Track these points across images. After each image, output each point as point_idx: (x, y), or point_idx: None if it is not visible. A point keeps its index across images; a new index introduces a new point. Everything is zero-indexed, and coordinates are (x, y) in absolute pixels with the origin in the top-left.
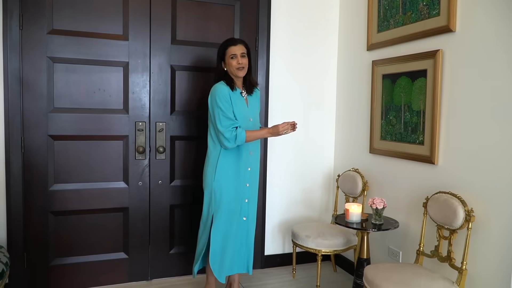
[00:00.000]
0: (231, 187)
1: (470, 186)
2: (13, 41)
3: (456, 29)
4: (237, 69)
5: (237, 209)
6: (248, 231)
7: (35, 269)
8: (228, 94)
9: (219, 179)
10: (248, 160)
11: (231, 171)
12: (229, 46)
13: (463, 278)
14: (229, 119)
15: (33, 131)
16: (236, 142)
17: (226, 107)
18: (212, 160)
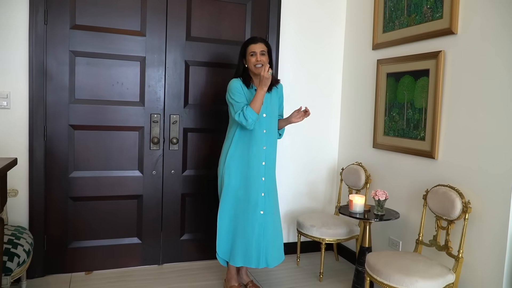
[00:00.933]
0: (239, 176)
1: (468, 180)
2: (38, 35)
3: (458, 31)
4: (255, 66)
5: (251, 201)
6: (266, 225)
7: (54, 251)
8: (240, 87)
9: (228, 166)
10: (262, 155)
11: (240, 161)
12: (250, 44)
13: (459, 266)
14: (238, 104)
15: (55, 120)
16: (248, 117)
17: (235, 98)
18: (225, 148)
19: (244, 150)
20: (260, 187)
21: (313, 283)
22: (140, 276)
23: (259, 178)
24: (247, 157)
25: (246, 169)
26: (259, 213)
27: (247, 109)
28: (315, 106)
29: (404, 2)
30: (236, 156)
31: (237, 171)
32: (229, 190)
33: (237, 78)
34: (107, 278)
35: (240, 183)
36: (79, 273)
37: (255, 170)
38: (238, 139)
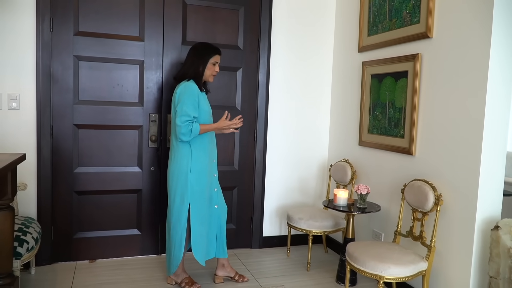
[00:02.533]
0: (205, 178)
1: (441, 174)
2: (45, 41)
3: (433, 35)
4: (213, 75)
5: (207, 199)
6: (220, 218)
7: (60, 241)
8: (197, 94)
9: (195, 170)
10: (213, 153)
11: (204, 163)
12: (216, 54)
13: (431, 254)
14: (188, 115)
15: (61, 120)
16: (192, 135)
17: (191, 106)
18: (185, 153)
19: (205, 151)
20: (213, 183)
21: (301, 272)
22: (139, 265)
23: (212, 175)
24: (206, 158)
25: (207, 169)
26: (214, 207)
27: (196, 125)
28: (306, 106)
29: (386, 7)
30: (200, 160)
31: (203, 175)
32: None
33: (193, 82)
34: (109, 266)
35: (206, 184)
36: (83, 261)
37: (210, 168)
38: (198, 143)
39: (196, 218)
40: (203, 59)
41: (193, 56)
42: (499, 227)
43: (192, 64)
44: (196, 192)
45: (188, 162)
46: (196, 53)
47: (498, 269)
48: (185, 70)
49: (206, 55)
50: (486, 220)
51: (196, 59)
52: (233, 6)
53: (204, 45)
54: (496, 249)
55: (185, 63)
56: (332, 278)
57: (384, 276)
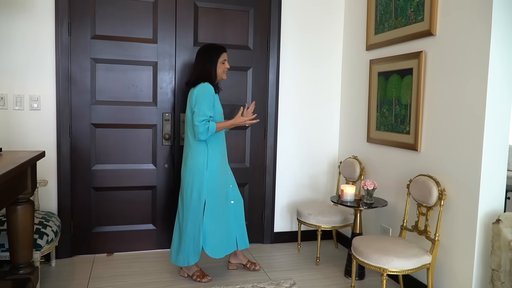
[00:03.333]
0: (219, 175)
1: (445, 170)
2: (64, 45)
3: (436, 33)
4: (225, 72)
5: (223, 195)
6: (238, 212)
7: (79, 235)
8: (213, 95)
9: (211, 168)
10: (225, 151)
11: (218, 161)
12: (223, 52)
13: (435, 248)
14: (205, 115)
15: (79, 120)
16: (209, 133)
17: (208, 106)
18: (201, 151)
19: (219, 150)
20: (228, 180)
21: (310, 266)
22: (154, 258)
23: (226, 172)
24: (221, 156)
25: (222, 167)
26: (230, 203)
27: (212, 124)
28: (317, 103)
29: (392, 6)
30: (215, 158)
31: (218, 172)
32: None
33: (209, 83)
34: (126, 260)
35: (221, 181)
36: (101, 255)
37: (224, 166)
38: (214, 142)
39: (209, 214)
40: (212, 60)
41: (202, 59)
42: (500, 221)
43: (204, 68)
44: (212, 189)
45: (205, 160)
46: (204, 56)
47: (500, 262)
48: (197, 74)
49: (214, 56)
50: (489, 214)
51: (206, 62)
52: (242, 7)
53: (210, 47)
54: (498, 242)
55: (195, 68)
56: (341, 272)
57: (387, 268)
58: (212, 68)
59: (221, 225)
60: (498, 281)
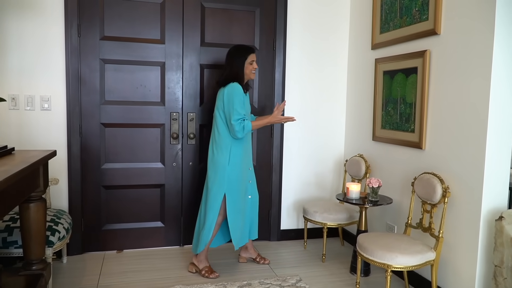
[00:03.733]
0: (241, 171)
1: (449, 168)
2: (73, 46)
3: (440, 32)
4: (252, 72)
5: (242, 190)
6: (253, 206)
7: (90, 232)
8: (242, 94)
9: (233, 163)
10: (250, 148)
11: (240, 157)
12: (251, 53)
13: (439, 245)
14: (239, 114)
15: (89, 119)
16: (245, 131)
17: (240, 105)
18: (225, 147)
19: (242, 147)
20: (248, 176)
21: (316, 263)
22: (163, 255)
23: (247, 168)
24: (243, 153)
25: (243, 163)
26: (248, 197)
27: (248, 123)
28: (322, 102)
29: (397, 5)
30: (237, 154)
31: (240, 167)
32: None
33: (238, 84)
34: (135, 256)
35: (242, 176)
36: (111, 252)
37: (246, 162)
38: (239, 141)
39: (231, 207)
40: (240, 61)
41: (231, 60)
42: (503, 218)
43: (232, 68)
44: (233, 183)
45: (227, 155)
46: (233, 57)
47: (502, 258)
48: (227, 74)
49: (242, 57)
50: (492, 211)
51: (234, 62)
52: (249, 7)
53: (238, 48)
54: (500, 238)
55: (225, 68)
56: (346, 269)
57: (391, 265)
58: (240, 68)
59: (241, 219)
60: (500, 277)
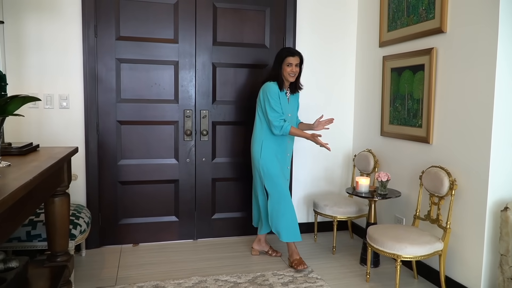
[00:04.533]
0: (275, 164)
1: (456, 161)
2: (90, 46)
3: (447, 30)
4: (290, 75)
5: (285, 186)
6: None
7: (107, 226)
8: (277, 92)
9: (265, 157)
10: (288, 148)
11: (273, 152)
12: (288, 56)
13: (447, 235)
14: (276, 111)
15: (105, 117)
16: (281, 131)
17: (274, 102)
18: (257, 141)
19: (276, 143)
20: (286, 175)
21: (327, 255)
22: (178, 248)
23: (285, 167)
24: (279, 150)
25: (279, 159)
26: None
27: (287, 126)
28: (331, 99)
29: (404, 4)
30: (269, 148)
31: (272, 161)
32: (272, 178)
33: (274, 82)
34: (151, 250)
35: (277, 171)
36: (127, 245)
37: (283, 160)
38: (270, 135)
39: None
40: (278, 62)
41: (274, 61)
42: (508, 208)
43: (272, 69)
44: (269, 176)
45: (259, 148)
46: (275, 58)
47: (508, 247)
48: (268, 74)
49: (280, 58)
50: (497, 202)
51: (275, 63)
52: (259, 7)
53: (280, 50)
54: (506, 228)
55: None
56: (356, 261)
57: (401, 255)
58: (277, 69)
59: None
60: (506, 265)
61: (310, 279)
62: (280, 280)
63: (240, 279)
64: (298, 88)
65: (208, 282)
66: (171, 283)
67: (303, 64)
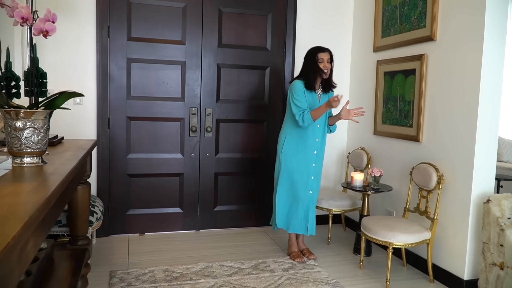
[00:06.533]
0: (294, 161)
1: (443, 158)
2: (103, 46)
3: (437, 38)
4: (323, 71)
5: (303, 183)
6: (312, 201)
7: (115, 216)
8: (302, 89)
9: (285, 152)
10: (315, 145)
11: (295, 149)
12: (319, 52)
13: (434, 225)
14: (298, 107)
15: (116, 113)
16: (305, 121)
17: (298, 99)
18: (282, 136)
19: (300, 140)
20: (311, 171)
21: (322, 245)
22: (182, 238)
23: (311, 164)
24: (302, 146)
25: (303, 156)
26: (309, 192)
27: (307, 114)
28: None
29: (397, 13)
30: (291, 145)
31: (292, 158)
32: (286, 173)
33: (300, 80)
34: (156, 239)
35: (296, 167)
36: (134, 234)
37: (308, 157)
38: (294, 131)
39: (280, 193)
40: (310, 59)
41: (304, 60)
42: (490, 201)
43: (303, 67)
44: (284, 170)
45: (282, 144)
46: (306, 57)
47: (489, 236)
48: (299, 73)
49: (311, 55)
50: (480, 195)
51: (306, 61)
52: (262, 12)
53: (310, 48)
54: (488, 219)
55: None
56: (350, 251)
57: (393, 242)
58: (308, 67)
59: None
60: (488, 252)
61: (308, 266)
62: (281, 267)
63: (243, 265)
64: (331, 86)
65: (214, 267)
66: (179, 268)
67: (333, 61)
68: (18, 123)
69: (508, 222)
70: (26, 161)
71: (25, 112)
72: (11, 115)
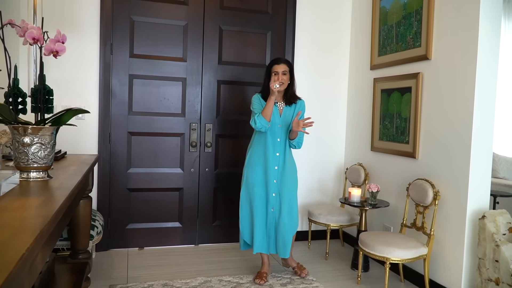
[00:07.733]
0: (254, 174)
1: (439, 174)
2: (106, 63)
3: (432, 57)
4: (275, 87)
5: (262, 198)
6: (277, 220)
7: (115, 231)
8: (258, 100)
9: (247, 164)
10: (275, 160)
11: (256, 162)
12: (274, 65)
13: (431, 241)
14: (253, 114)
15: (117, 128)
16: (257, 122)
17: (253, 107)
18: (248, 151)
19: (261, 154)
20: (271, 188)
21: (320, 261)
22: (180, 253)
23: (271, 179)
24: (263, 160)
25: (263, 170)
26: (270, 210)
27: (258, 116)
28: (326, 116)
29: (393, 32)
30: (252, 158)
31: (253, 172)
32: (246, 187)
33: (258, 94)
34: (155, 253)
35: (256, 181)
36: (133, 249)
37: (268, 172)
38: (256, 144)
39: (242, 207)
40: (267, 72)
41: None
42: (485, 217)
43: (264, 79)
44: (245, 184)
45: (246, 159)
46: (265, 70)
47: (485, 251)
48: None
49: (268, 69)
50: (476, 211)
51: (265, 74)
52: (261, 30)
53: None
54: (483, 234)
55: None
56: (348, 266)
57: (390, 258)
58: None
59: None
60: (483, 268)
61: (306, 281)
62: (279, 281)
63: (242, 279)
64: (292, 98)
65: (213, 282)
66: (178, 282)
67: (293, 73)
68: (26, 139)
69: (503, 238)
70: (32, 176)
71: (33, 128)
72: (19, 131)
